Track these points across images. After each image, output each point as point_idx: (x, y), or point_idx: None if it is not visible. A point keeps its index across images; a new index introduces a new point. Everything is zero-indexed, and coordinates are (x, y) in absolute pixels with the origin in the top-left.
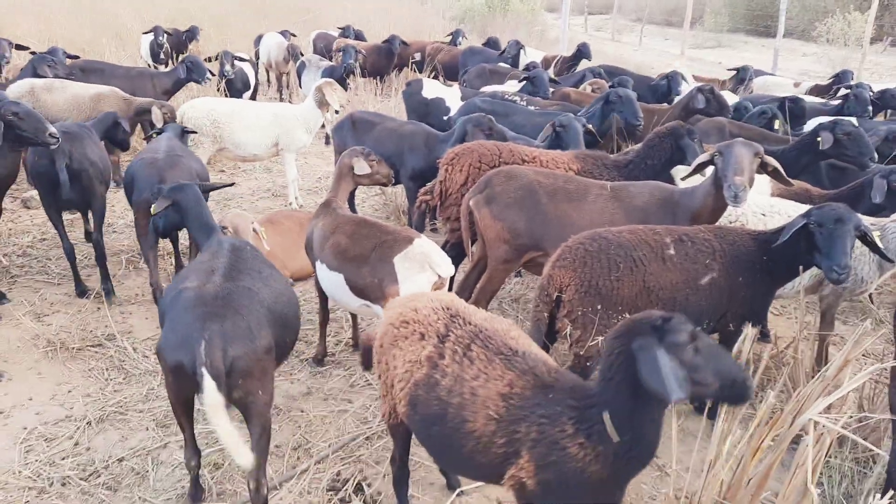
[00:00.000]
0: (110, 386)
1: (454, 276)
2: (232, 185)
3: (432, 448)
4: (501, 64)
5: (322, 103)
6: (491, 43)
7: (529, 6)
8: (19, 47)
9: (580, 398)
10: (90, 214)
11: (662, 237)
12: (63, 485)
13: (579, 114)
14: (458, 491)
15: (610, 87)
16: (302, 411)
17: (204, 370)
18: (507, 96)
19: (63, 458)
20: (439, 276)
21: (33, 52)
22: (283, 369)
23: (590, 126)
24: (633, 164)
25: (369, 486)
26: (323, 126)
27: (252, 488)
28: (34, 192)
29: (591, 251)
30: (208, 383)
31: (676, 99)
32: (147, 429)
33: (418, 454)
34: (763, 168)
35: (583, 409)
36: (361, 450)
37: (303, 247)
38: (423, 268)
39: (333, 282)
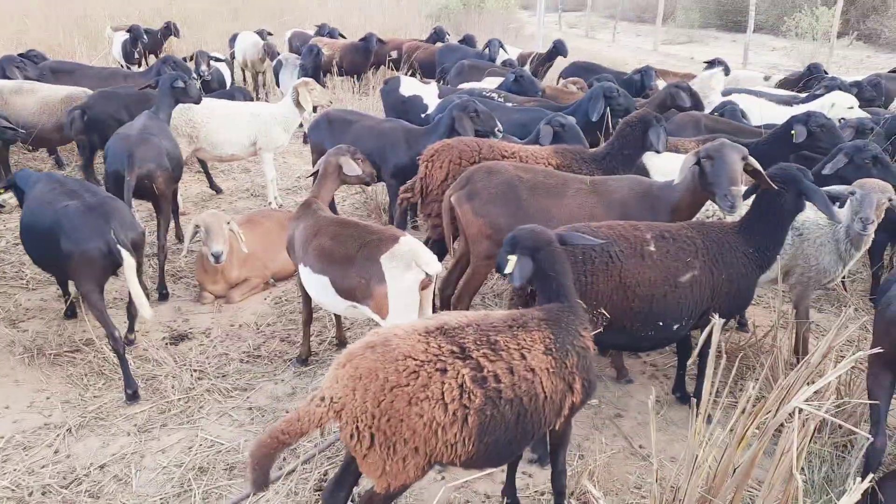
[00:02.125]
0: (90, 392)
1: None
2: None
3: (502, 451)
4: (480, 60)
5: (299, 102)
6: (467, 40)
7: (504, 3)
8: None
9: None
10: None
11: (643, 233)
12: (43, 493)
13: (566, 111)
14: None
15: (591, 83)
16: (287, 412)
17: (120, 247)
18: (484, 93)
19: (42, 467)
20: (427, 275)
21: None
22: (267, 370)
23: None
24: (609, 155)
25: (356, 485)
26: (301, 125)
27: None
28: (5, 196)
29: None
30: (125, 254)
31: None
32: (128, 434)
33: None
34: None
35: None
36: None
37: (283, 247)
38: (409, 266)
39: (318, 284)
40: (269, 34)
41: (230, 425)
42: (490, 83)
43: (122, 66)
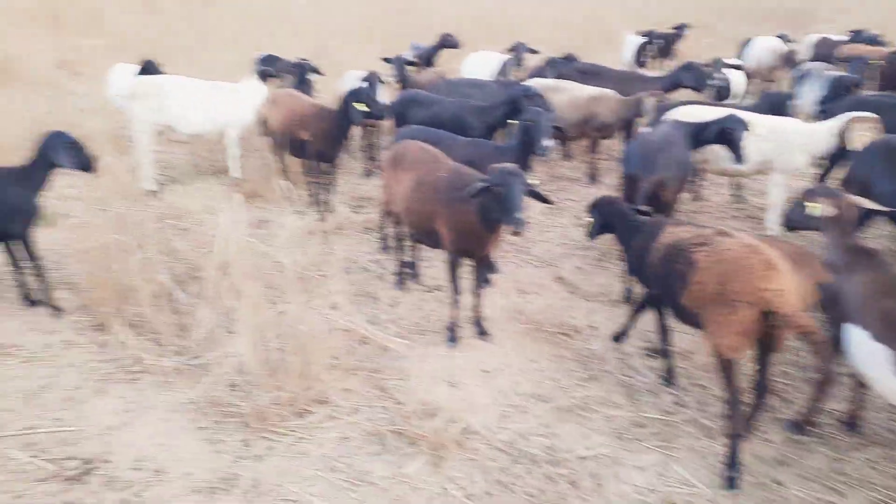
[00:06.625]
0: (573, 378)
1: None
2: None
3: None
4: None
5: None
6: None
7: None
8: (531, 51)
9: None
10: None
11: None
12: (531, 461)
13: None
14: None
15: None
16: (778, 483)
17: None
18: None
19: (532, 435)
20: None
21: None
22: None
23: None
24: None
25: None
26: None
27: None
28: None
29: None
30: None
31: None
32: (605, 434)
33: None
34: None
35: None
36: None
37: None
38: None
39: (875, 356)
40: (790, 41)
41: (706, 469)
42: None
43: (634, 68)
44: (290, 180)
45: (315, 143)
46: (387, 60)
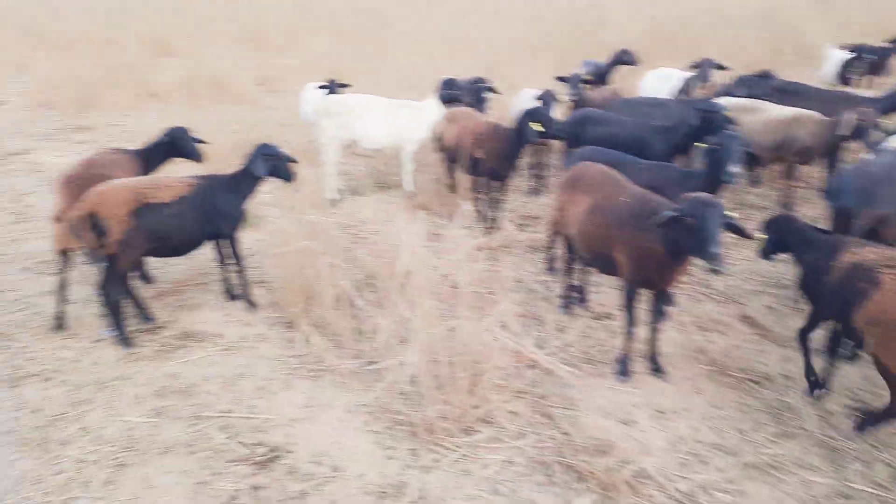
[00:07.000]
0: (764, 432)
1: None
2: None
3: None
4: None
5: None
6: None
7: None
8: (718, 67)
9: None
10: None
11: None
12: None
13: None
14: None
15: None
16: None
17: None
18: None
19: (716, 490)
20: None
21: (765, 75)
22: None
23: None
24: None
25: None
26: None
27: None
28: None
29: None
30: None
31: None
32: (801, 501)
33: None
34: None
35: None
36: None
37: None
38: None
39: None
40: None
41: None
42: None
43: (834, 86)
44: (459, 196)
45: (488, 161)
46: (561, 79)
